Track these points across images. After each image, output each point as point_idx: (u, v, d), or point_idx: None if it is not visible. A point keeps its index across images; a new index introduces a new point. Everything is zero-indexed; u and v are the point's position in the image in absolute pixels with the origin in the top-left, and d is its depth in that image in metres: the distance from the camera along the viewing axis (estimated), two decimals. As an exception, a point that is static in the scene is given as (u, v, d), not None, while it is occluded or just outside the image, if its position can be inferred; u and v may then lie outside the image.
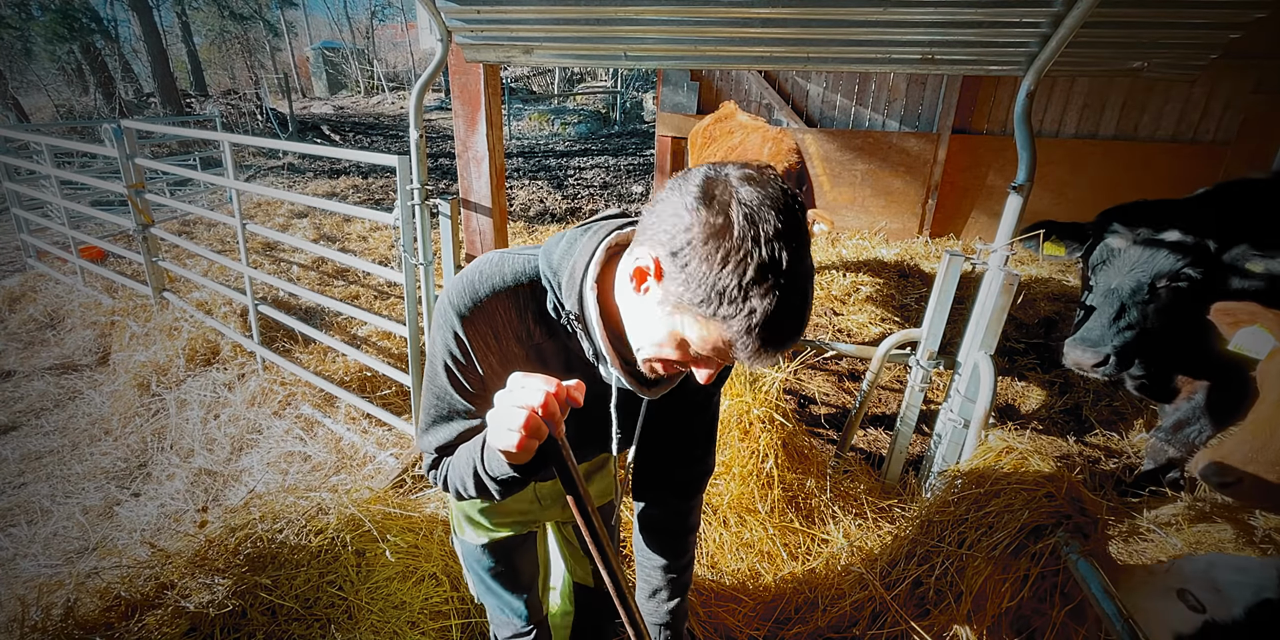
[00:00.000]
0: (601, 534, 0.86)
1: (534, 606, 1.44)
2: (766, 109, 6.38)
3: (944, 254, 2.16)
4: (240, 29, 21.33)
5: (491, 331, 0.96)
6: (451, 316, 0.95)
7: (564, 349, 1.01)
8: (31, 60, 15.70)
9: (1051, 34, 1.73)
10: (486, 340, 0.96)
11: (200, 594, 1.48)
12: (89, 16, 14.24)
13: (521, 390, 0.77)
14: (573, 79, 20.66)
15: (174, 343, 3.93)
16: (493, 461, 0.90)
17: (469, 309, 0.94)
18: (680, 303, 0.79)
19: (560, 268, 0.94)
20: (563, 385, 0.78)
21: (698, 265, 0.75)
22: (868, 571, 1.89)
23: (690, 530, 1.37)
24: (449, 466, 1.05)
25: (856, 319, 4.42)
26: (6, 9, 13.81)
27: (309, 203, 2.97)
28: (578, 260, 0.92)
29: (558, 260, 0.94)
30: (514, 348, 0.98)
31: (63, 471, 3.21)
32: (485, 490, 0.97)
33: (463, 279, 0.97)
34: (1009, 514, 1.57)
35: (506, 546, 1.36)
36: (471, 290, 0.95)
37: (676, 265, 0.77)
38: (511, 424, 0.75)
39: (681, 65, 2.30)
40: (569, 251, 0.94)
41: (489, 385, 0.99)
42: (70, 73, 15.55)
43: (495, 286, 0.95)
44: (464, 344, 0.96)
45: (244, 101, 14.55)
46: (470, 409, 1.02)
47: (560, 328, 0.98)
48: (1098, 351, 1.95)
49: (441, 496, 2.25)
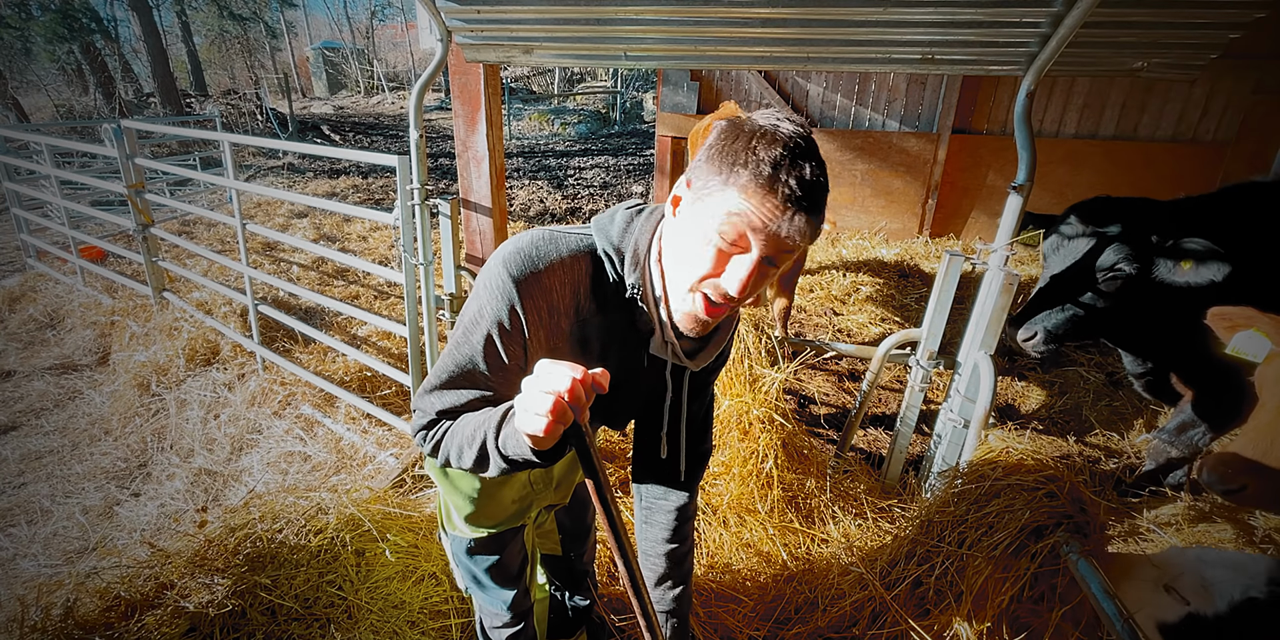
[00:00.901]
0: (618, 519, 0.87)
1: (522, 598, 1.44)
2: (766, 109, 6.39)
3: (944, 254, 2.16)
4: (240, 29, 21.34)
5: (547, 306, 0.98)
6: (510, 287, 0.95)
7: (608, 326, 1.04)
8: (31, 60, 15.72)
9: (1051, 34, 1.73)
10: (541, 314, 0.98)
11: (200, 594, 1.48)
12: (89, 16, 14.23)
13: (549, 376, 0.78)
14: (573, 79, 20.66)
15: (174, 343, 3.92)
16: (511, 442, 0.90)
17: (529, 280, 0.96)
18: (703, 190, 0.86)
19: (624, 244, 0.99)
20: (588, 372, 0.79)
21: (715, 154, 0.86)
22: (868, 571, 1.89)
23: (691, 517, 1.39)
24: (447, 433, 1.04)
25: (856, 319, 4.43)
26: (6, 9, 13.81)
27: (309, 203, 2.97)
28: (640, 238, 0.99)
29: (618, 237, 1.00)
30: (562, 323, 1.00)
31: (63, 471, 3.21)
32: (484, 465, 0.97)
33: (520, 252, 0.97)
34: (1009, 514, 1.57)
35: (499, 540, 1.35)
36: (531, 263, 0.96)
37: (699, 167, 0.87)
38: (540, 409, 0.76)
39: (681, 65, 2.30)
40: (628, 229, 1.00)
41: (530, 358, 1.00)
42: (70, 73, 15.56)
43: (552, 260, 0.97)
44: (519, 317, 0.97)
45: (244, 101, 14.55)
46: (490, 382, 1.02)
47: (611, 302, 1.02)
48: (1029, 328, 2.11)
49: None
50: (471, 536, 1.33)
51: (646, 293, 0.98)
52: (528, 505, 1.36)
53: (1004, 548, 1.54)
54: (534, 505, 1.38)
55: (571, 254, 0.98)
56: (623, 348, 1.05)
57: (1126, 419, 3.28)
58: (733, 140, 0.85)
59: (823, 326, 4.37)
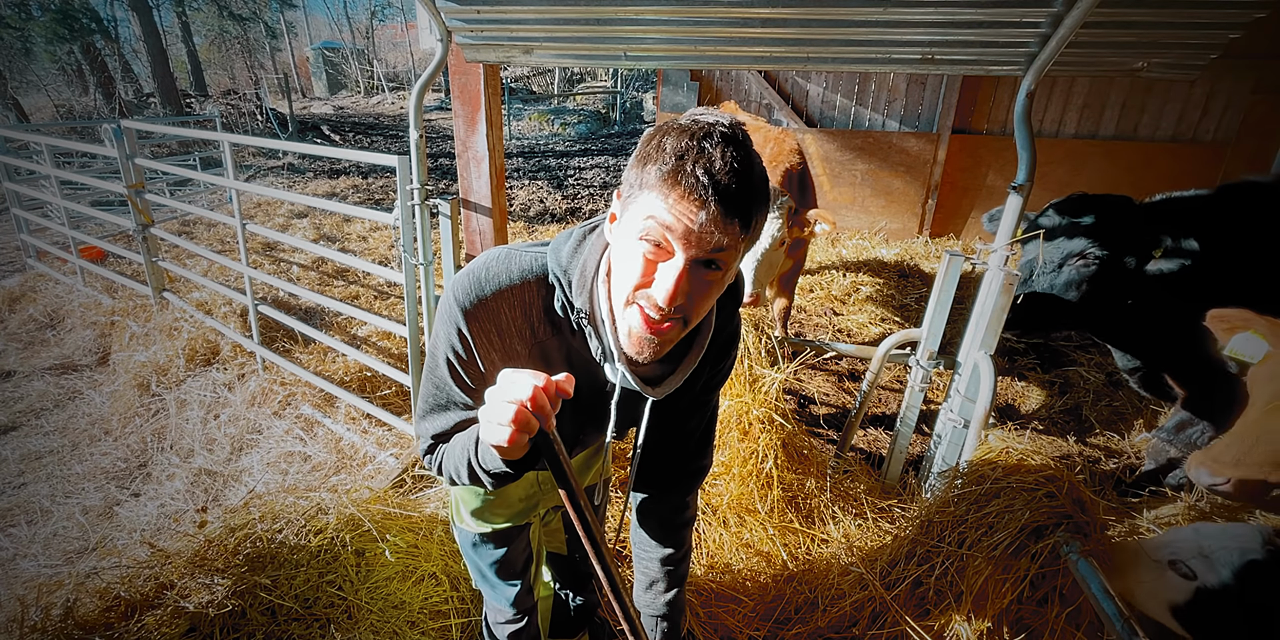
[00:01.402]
0: (594, 526, 0.85)
1: (525, 595, 1.45)
2: (766, 109, 6.38)
3: (944, 254, 2.16)
4: (240, 29, 21.33)
5: (495, 329, 0.96)
6: (456, 312, 0.96)
7: (567, 347, 1.01)
8: (31, 60, 15.71)
9: (1051, 34, 1.73)
10: (489, 337, 0.97)
11: (200, 594, 1.48)
12: (89, 16, 14.23)
13: (510, 386, 0.77)
14: (573, 79, 20.66)
15: (174, 343, 3.92)
16: (486, 455, 0.90)
17: (474, 306, 0.95)
18: (627, 198, 0.83)
19: (571, 267, 0.94)
20: (551, 379, 0.78)
21: (634, 158, 0.82)
22: (868, 571, 1.89)
23: (687, 524, 1.37)
24: (444, 454, 1.06)
25: (856, 319, 4.42)
26: (6, 9, 13.80)
27: (309, 203, 2.97)
28: (588, 259, 0.93)
29: (566, 259, 0.95)
30: (517, 346, 0.99)
31: (63, 471, 3.21)
32: (479, 480, 0.98)
33: (469, 275, 0.97)
34: (1009, 514, 1.57)
35: (504, 536, 1.36)
36: (477, 287, 0.95)
37: (625, 175, 0.84)
38: (502, 419, 0.76)
39: (681, 65, 2.30)
40: (578, 250, 0.95)
41: (488, 380, 0.96)
42: (70, 73, 15.55)
43: (501, 284, 0.95)
44: (467, 340, 0.97)
45: (244, 102, 14.54)
46: (468, 402, 1.03)
47: (565, 325, 0.98)
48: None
49: (442, 496, 2.25)
50: (478, 531, 1.34)
51: (594, 315, 0.93)
52: (534, 504, 1.37)
53: (1004, 548, 1.54)
54: (541, 504, 1.39)
55: (523, 277, 0.95)
56: (585, 369, 1.01)
57: (1126, 419, 3.28)
58: (648, 141, 0.81)
59: (823, 326, 4.37)
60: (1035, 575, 1.51)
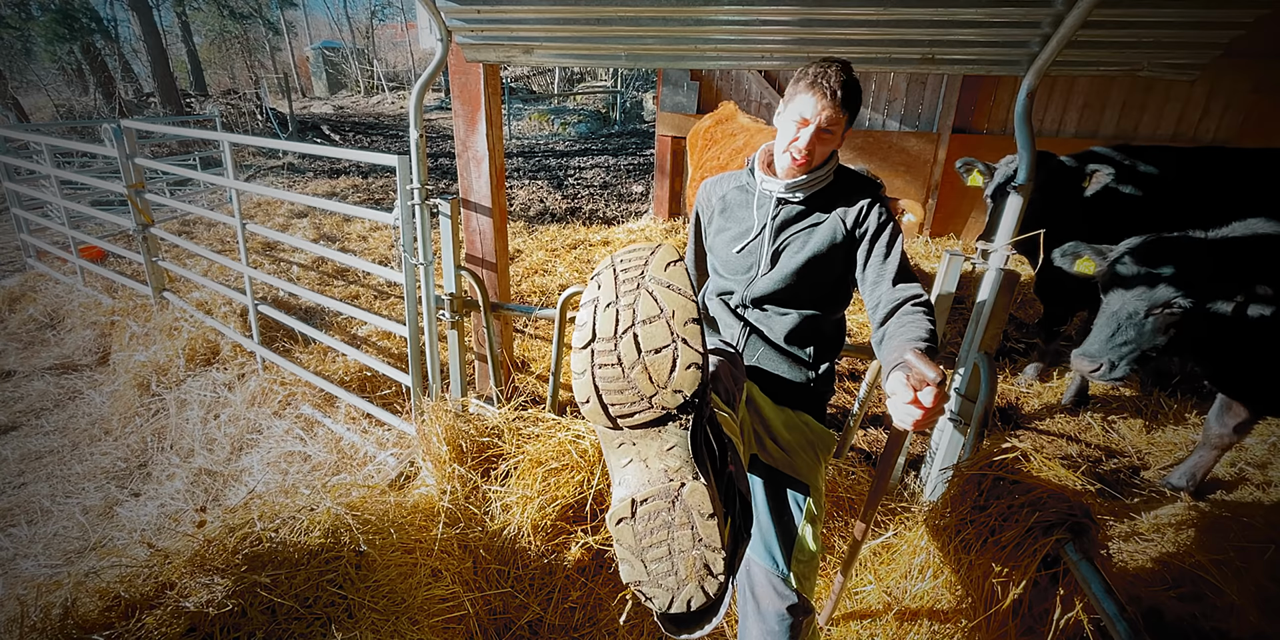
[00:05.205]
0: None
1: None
2: (767, 109, 6.38)
3: (944, 254, 2.16)
4: (240, 29, 21.35)
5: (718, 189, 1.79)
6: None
7: (743, 197, 1.72)
8: (31, 60, 15.72)
9: (1052, 34, 1.73)
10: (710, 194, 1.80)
11: (200, 593, 1.48)
12: (89, 16, 14.23)
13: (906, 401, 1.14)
14: (573, 79, 20.66)
15: (174, 343, 3.93)
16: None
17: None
18: (789, 93, 1.53)
19: (753, 159, 1.72)
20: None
21: (793, 80, 1.56)
22: (868, 572, 1.88)
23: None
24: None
25: (857, 319, 4.42)
26: (6, 9, 13.81)
27: (309, 202, 2.97)
28: (757, 156, 1.71)
29: (751, 159, 1.73)
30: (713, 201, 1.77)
31: (63, 471, 3.21)
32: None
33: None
34: (1009, 514, 1.57)
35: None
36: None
37: (788, 89, 1.56)
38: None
39: (681, 65, 2.30)
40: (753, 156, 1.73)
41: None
42: (70, 73, 15.56)
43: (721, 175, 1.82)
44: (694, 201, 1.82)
45: (244, 101, 14.55)
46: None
47: (745, 186, 1.72)
48: (1093, 360, 2.22)
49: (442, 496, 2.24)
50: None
51: (756, 172, 1.68)
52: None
53: (1005, 548, 1.54)
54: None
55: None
56: (745, 209, 1.71)
57: (1127, 419, 3.28)
58: (801, 72, 1.51)
59: (823, 326, 4.36)
60: (1036, 576, 1.51)
